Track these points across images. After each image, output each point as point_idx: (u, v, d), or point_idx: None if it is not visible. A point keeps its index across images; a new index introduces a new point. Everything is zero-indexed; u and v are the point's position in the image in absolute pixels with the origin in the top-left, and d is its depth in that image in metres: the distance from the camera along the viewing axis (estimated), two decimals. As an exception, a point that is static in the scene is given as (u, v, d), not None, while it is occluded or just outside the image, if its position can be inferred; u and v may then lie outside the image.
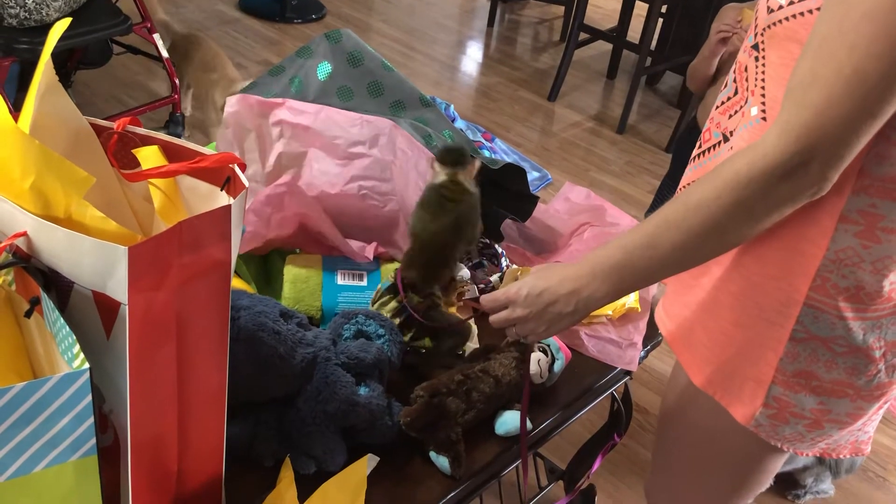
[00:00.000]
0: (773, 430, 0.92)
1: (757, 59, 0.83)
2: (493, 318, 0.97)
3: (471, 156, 1.11)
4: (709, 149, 0.95)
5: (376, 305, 1.16)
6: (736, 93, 0.89)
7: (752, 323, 0.88)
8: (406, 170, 1.24)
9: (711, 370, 0.94)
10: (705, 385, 0.95)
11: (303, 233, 1.24)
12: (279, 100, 1.27)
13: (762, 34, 0.82)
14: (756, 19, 0.84)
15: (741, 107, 0.88)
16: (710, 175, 0.78)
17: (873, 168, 0.77)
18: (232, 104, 1.27)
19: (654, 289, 1.40)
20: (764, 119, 0.82)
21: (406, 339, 1.13)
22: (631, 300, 1.35)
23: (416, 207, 1.11)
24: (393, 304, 1.14)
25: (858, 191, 0.79)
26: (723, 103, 0.93)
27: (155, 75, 3.25)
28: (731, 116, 0.90)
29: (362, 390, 1.02)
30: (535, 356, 1.15)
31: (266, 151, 1.27)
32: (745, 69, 0.87)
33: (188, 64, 2.81)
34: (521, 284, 0.93)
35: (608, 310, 1.33)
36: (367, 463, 1.00)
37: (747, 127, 0.85)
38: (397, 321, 1.13)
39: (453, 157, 1.08)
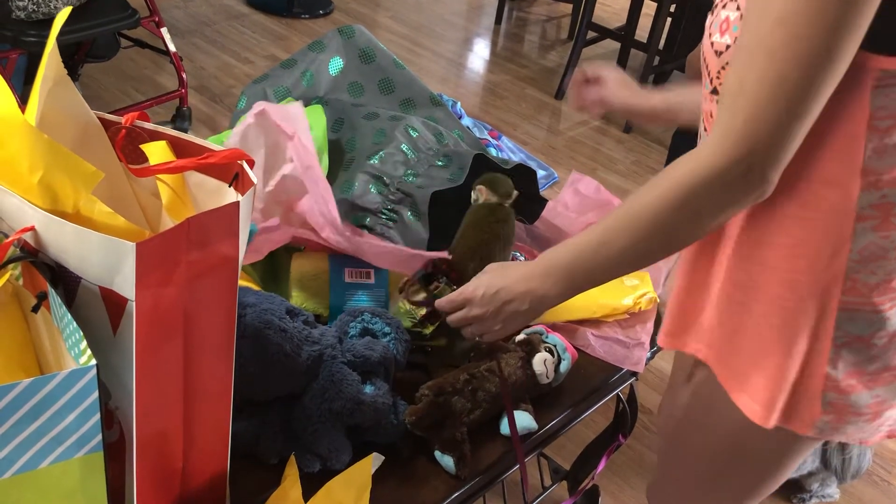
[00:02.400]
0: (834, 431, 0.92)
1: (718, 101, 0.84)
2: (450, 317, 0.98)
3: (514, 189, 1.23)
4: None
5: (403, 294, 1.15)
6: None
7: (799, 348, 0.88)
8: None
9: (770, 401, 0.93)
10: (763, 419, 0.93)
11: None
12: (290, 130, 1.24)
13: (717, 78, 0.83)
14: (707, 67, 0.85)
15: None
16: (658, 179, 0.81)
17: (874, 164, 0.78)
18: (250, 117, 1.25)
19: (660, 288, 1.39)
20: None
21: (426, 331, 1.13)
22: (647, 297, 1.34)
23: (471, 215, 1.20)
24: (423, 294, 1.14)
25: (866, 188, 0.79)
26: None
27: (162, 69, 3.25)
28: None
29: (368, 388, 1.01)
30: (542, 356, 1.15)
31: (272, 171, 1.25)
32: (711, 115, 0.87)
33: None
34: (478, 284, 0.95)
35: (622, 308, 1.32)
36: (372, 462, 0.99)
37: None
38: (422, 312, 1.12)
39: (502, 187, 1.22)
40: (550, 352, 1.16)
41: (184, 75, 2.80)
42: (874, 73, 0.73)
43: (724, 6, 0.82)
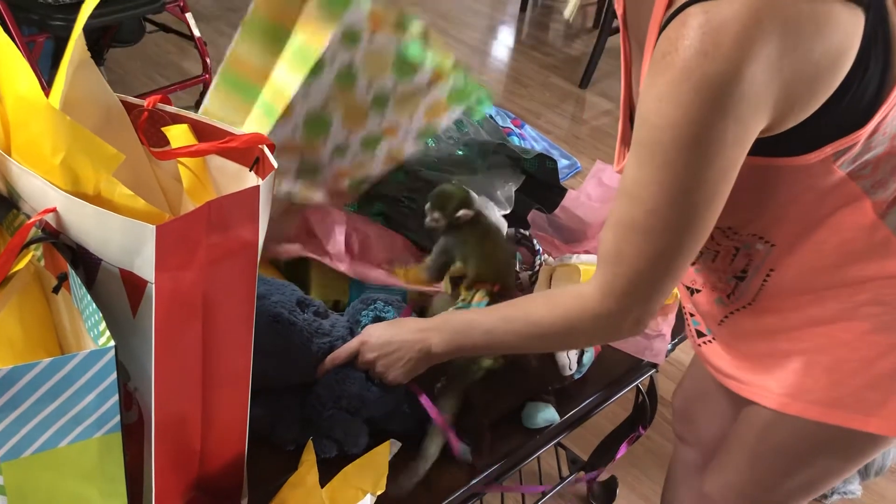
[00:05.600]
0: None
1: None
2: (357, 361, 1.02)
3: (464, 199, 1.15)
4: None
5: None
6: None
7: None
8: None
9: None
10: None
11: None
12: None
13: None
14: None
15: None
16: (550, 300, 0.92)
17: (880, 195, 0.84)
18: None
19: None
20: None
21: None
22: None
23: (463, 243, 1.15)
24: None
25: (885, 213, 0.85)
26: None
27: (187, 54, 3.26)
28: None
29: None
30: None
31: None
32: None
33: None
34: (370, 332, 1.01)
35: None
36: (390, 448, 0.99)
37: None
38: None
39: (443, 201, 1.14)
40: (571, 342, 1.15)
41: (208, 60, 2.81)
42: (827, 159, 0.79)
43: None
